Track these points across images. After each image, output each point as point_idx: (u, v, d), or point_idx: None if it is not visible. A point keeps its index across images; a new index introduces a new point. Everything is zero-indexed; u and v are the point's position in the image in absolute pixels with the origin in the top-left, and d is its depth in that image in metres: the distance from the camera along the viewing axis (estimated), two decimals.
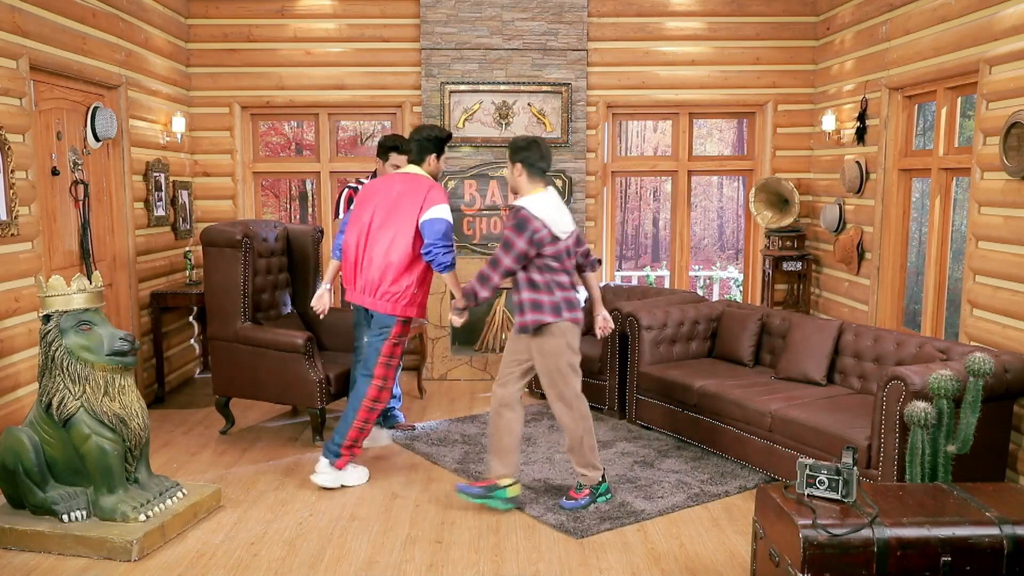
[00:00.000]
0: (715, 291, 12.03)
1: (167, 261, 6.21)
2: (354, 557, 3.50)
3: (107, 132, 5.10)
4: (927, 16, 5.02)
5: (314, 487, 4.26)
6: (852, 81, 6.04)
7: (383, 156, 4.85)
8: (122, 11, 5.42)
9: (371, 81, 6.66)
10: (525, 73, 6.51)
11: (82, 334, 3.55)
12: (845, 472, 2.77)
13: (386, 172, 4.85)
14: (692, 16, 6.67)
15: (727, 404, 4.56)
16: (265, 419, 5.49)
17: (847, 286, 6.13)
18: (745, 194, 7.25)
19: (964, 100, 5.23)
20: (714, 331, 5.53)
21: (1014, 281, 4.12)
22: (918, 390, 3.49)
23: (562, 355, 3.86)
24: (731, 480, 4.34)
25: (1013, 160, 4.07)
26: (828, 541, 2.60)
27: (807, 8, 6.65)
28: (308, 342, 4.77)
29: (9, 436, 3.58)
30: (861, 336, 4.65)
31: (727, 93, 6.75)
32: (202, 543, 3.62)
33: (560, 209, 3.85)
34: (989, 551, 2.62)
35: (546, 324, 3.82)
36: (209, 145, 6.70)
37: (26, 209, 4.26)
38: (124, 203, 5.50)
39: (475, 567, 3.41)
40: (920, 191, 9.17)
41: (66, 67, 4.68)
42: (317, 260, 5.61)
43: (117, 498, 3.58)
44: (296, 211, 17.88)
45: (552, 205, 3.81)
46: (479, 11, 6.44)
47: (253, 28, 6.59)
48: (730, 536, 3.70)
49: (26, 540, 3.50)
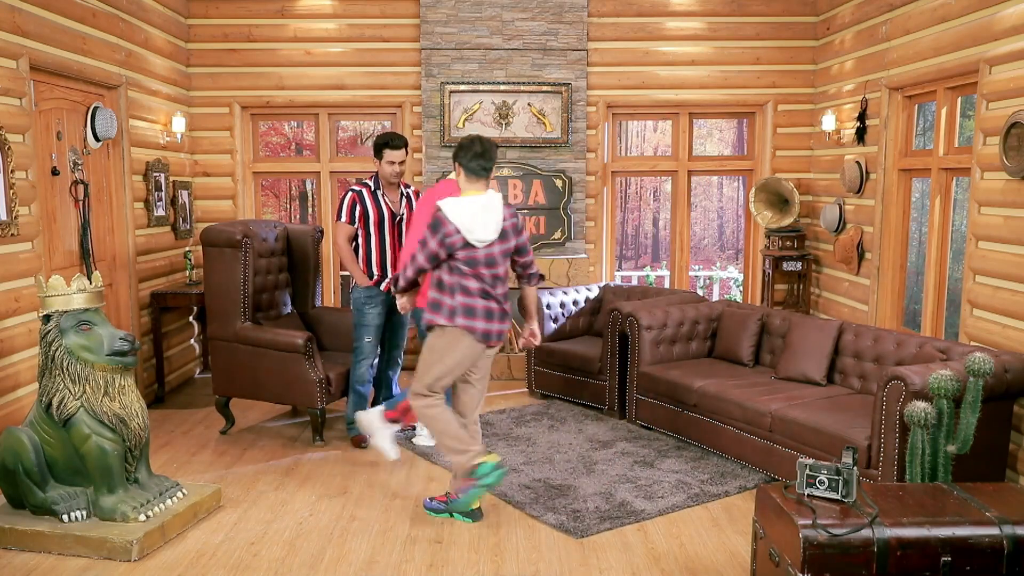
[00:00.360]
0: (715, 291, 12.04)
1: (167, 261, 6.21)
2: (354, 557, 3.50)
3: (107, 132, 5.10)
4: (927, 16, 5.02)
5: (314, 487, 4.27)
6: (852, 81, 6.04)
7: (378, 155, 4.85)
8: (122, 11, 5.42)
9: (371, 81, 6.66)
10: (525, 73, 6.51)
11: (82, 334, 3.55)
12: (845, 472, 2.77)
13: (382, 171, 4.85)
14: (692, 16, 6.67)
15: (727, 404, 4.55)
16: (265, 419, 5.49)
17: (847, 286, 6.13)
18: (745, 194, 7.25)
19: (964, 100, 5.23)
20: (714, 331, 5.52)
21: (1014, 281, 4.12)
22: (918, 390, 3.49)
23: (443, 355, 3.78)
24: (731, 480, 4.34)
25: (1013, 160, 4.07)
26: (828, 541, 2.60)
27: (807, 8, 6.65)
28: (308, 342, 4.77)
29: (9, 436, 3.58)
30: (861, 336, 4.65)
31: (727, 93, 6.75)
32: (202, 543, 3.62)
33: (486, 216, 3.67)
34: (989, 551, 2.62)
35: (438, 325, 3.77)
36: (209, 145, 6.70)
37: (26, 209, 4.26)
38: (124, 203, 5.50)
39: (475, 567, 3.41)
40: (920, 191, 9.17)
41: (66, 67, 4.68)
42: (317, 260, 5.61)
43: (117, 498, 3.58)
44: (296, 211, 17.88)
45: (475, 211, 3.65)
46: (479, 11, 6.44)
47: (253, 28, 6.59)
48: (730, 536, 3.70)
49: (26, 540, 3.50)
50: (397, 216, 4.91)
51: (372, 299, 4.85)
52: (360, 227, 4.86)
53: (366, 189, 4.86)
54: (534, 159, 6.58)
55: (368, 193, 4.85)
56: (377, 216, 4.84)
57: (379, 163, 4.84)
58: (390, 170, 4.82)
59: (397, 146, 4.80)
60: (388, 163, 4.80)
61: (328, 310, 5.71)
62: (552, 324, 6.04)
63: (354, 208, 4.83)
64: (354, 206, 4.83)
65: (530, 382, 6.08)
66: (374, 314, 4.85)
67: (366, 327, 4.85)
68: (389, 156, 4.80)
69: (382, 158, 4.81)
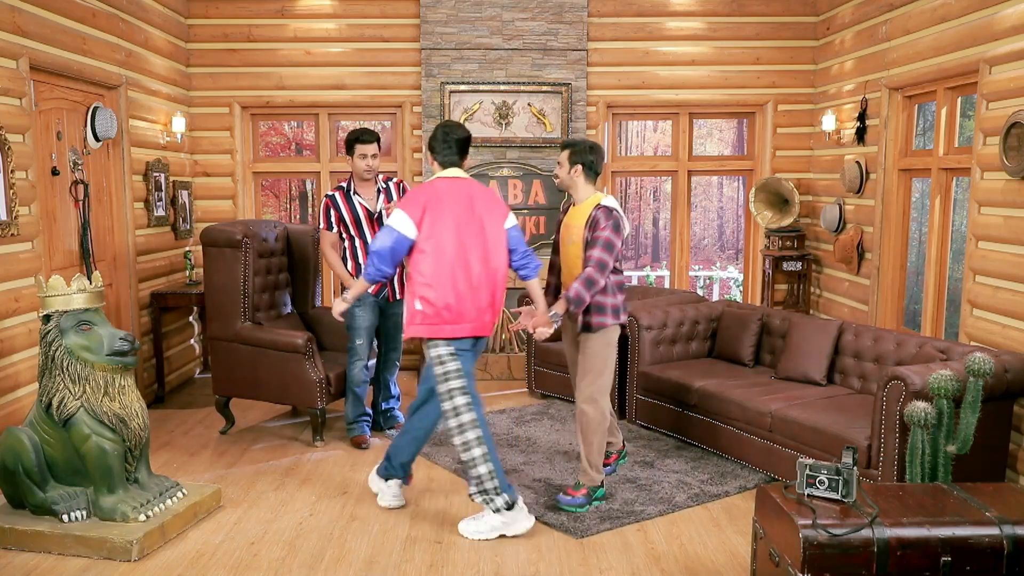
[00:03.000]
0: (715, 291, 12.04)
1: (167, 261, 6.21)
2: (354, 557, 3.50)
3: (107, 132, 5.10)
4: (927, 16, 5.02)
5: (314, 487, 4.26)
6: (852, 81, 6.04)
7: (349, 152, 4.84)
8: (122, 11, 5.42)
9: (371, 81, 6.66)
10: (525, 73, 6.51)
11: (82, 334, 3.55)
12: (845, 472, 2.77)
13: (355, 167, 4.84)
14: (692, 16, 6.67)
15: (727, 404, 4.55)
16: (265, 419, 5.49)
17: (847, 286, 6.13)
18: (745, 194, 7.25)
19: (964, 100, 5.23)
20: (714, 331, 5.52)
21: (1014, 281, 4.12)
22: (918, 390, 3.49)
23: (609, 355, 3.95)
24: (731, 480, 4.34)
25: (1013, 160, 4.07)
26: (828, 541, 2.60)
27: (807, 8, 6.65)
28: (308, 342, 4.77)
29: (9, 436, 3.58)
30: (861, 336, 4.65)
31: (727, 93, 6.75)
32: (202, 543, 3.62)
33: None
34: (989, 551, 2.61)
35: (606, 327, 3.89)
36: (209, 145, 6.70)
37: (26, 209, 4.26)
38: (124, 203, 5.50)
39: (475, 567, 3.41)
40: (920, 191, 9.16)
41: (66, 67, 4.68)
42: (317, 260, 5.61)
43: (117, 498, 3.58)
44: (296, 211, 17.88)
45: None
46: (479, 11, 6.44)
47: (253, 28, 6.59)
48: (730, 536, 3.70)
49: (26, 540, 3.50)
50: (375, 213, 4.90)
51: (360, 301, 4.82)
52: (342, 231, 4.86)
53: (339, 192, 4.87)
54: (534, 159, 6.58)
55: (341, 196, 4.86)
56: (352, 217, 4.84)
57: (351, 160, 4.85)
58: (362, 164, 4.81)
59: (368, 140, 4.80)
60: (360, 157, 4.80)
61: (328, 310, 5.69)
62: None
63: (329, 213, 4.85)
64: (328, 212, 4.85)
65: (530, 382, 6.08)
66: (364, 316, 4.84)
67: (356, 329, 4.85)
68: (361, 150, 4.80)
69: (354, 153, 4.81)
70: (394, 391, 5.23)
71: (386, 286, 4.93)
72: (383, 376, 5.17)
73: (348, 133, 4.94)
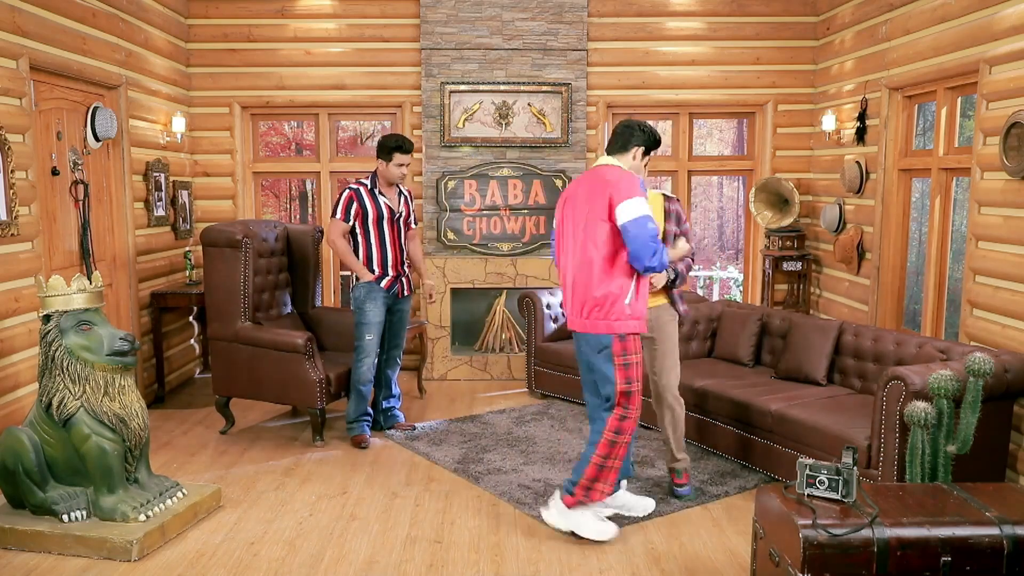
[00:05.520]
0: (715, 291, 12.04)
1: (167, 261, 6.21)
2: (354, 557, 3.50)
3: (107, 132, 5.10)
4: (927, 16, 5.01)
5: (314, 487, 4.27)
6: (852, 81, 6.04)
7: (386, 157, 4.83)
8: (122, 11, 5.42)
9: (371, 81, 6.66)
10: (525, 73, 6.51)
11: (82, 334, 3.55)
12: (845, 472, 2.77)
13: (389, 173, 4.85)
14: (692, 16, 6.67)
15: (727, 404, 4.55)
16: (265, 419, 5.49)
17: (847, 286, 6.13)
18: (745, 194, 7.25)
19: (964, 100, 5.22)
20: (714, 331, 5.52)
21: (1014, 281, 4.12)
22: (918, 390, 3.49)
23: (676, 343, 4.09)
24: (731, 480, 4.34)
25: (1013, 160, 4.07)
26: (828, 541, 2.60)
27: (807, 8, 6.65)
28: (308, 342, 4.77)
29: (9, 436, 3.58)
30: (861, 336, 4.65)
31: (727, 93, 6.75)
32: (202, 543, 3.62)
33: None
34: (989, 551, 2.61)
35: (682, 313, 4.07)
36: (209, 145, 6.70)
37: (26, 209, 4.26)
38: (124, 203, 5.50)
39: (475, 567, 3.41)
40: (920, 191, 9.15)
41: (66, 67, 4.68)
42: (317, 260, 5.62)
43: (117, 498, 3.58)
44: (296, 211, 17.87)
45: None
46: (479, 11, 6.44)
47: (253, 28, 6.59)
48: (730, 536, 3.70)
49: (26, 540, 3.50)
50: (397, 214, 4.92)
51: (373, 296, 4.84)
52: (359, 225, 4.86)
53: (364, 188, 4.86)
54: (534, 159, 6.58)
55: (366, 191, 4.85)
56: (376, 214, 4.84)
57: (385, 164, 4.83)
58: (398, 172, 4.83)
59: (407, 150, 4.84)
60: (397, 166, 4.81)
61: (328, 310, 5.71)
62: (552, 324, 6.04)
63: (350, 206, 4.83)
64: (351, 204, 4.83)
65: (530, 382, 6.08)
66: (375, 311, 4.85)
67: (367, 324, 4.85)
68: (399, 159, 4.81)
69: (391, 160, 4.81)
70: (395, 390, 5.23)
71: (398, 281, 4.93)
72: (385, 374, 5.17)
73: (385, 138, 4.92)
